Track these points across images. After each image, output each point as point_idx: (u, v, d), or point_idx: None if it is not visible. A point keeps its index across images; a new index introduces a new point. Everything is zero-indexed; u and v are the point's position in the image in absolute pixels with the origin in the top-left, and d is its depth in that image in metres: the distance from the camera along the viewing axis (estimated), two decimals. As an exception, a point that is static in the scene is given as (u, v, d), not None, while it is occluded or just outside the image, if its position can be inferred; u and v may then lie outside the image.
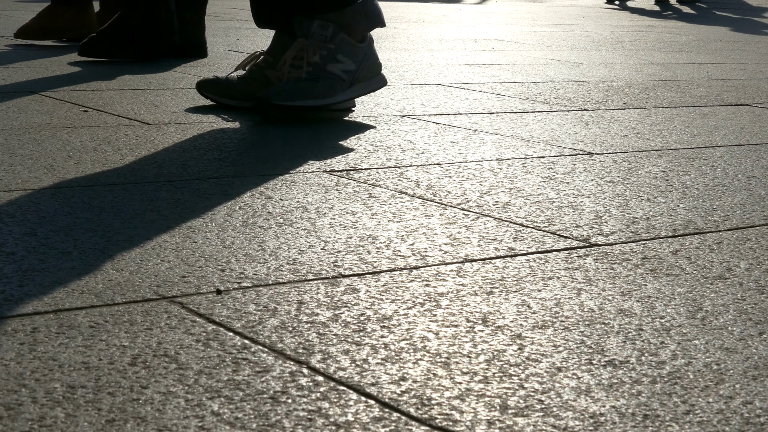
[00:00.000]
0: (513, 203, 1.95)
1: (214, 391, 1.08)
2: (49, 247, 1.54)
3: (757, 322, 1.36)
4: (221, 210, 1.81)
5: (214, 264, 1.51)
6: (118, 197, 1.87)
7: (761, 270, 1.60)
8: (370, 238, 1.68)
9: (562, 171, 2.26)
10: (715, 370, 1.20)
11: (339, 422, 1.02)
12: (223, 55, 4.26)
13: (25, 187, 1.91)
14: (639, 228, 1.82)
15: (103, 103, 2.89)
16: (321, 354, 1.19)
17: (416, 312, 1.35)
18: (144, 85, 3.27)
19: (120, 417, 1.01)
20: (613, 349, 1.25)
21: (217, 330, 1.25)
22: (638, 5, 10.22)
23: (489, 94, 3.44)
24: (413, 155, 2.36)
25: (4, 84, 3.16)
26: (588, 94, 3.57)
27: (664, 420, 1.06)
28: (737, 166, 2.41)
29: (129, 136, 2.45)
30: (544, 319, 1.34)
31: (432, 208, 1.89)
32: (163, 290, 1.38)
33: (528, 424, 1.04)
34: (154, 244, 1.59)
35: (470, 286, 1.46)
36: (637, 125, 2.94)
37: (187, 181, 2.02)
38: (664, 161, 2.43)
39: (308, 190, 1.99)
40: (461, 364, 1.19)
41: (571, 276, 1.53)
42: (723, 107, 3.39)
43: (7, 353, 1.15)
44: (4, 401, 1.03)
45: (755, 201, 2.06)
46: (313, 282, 1.45)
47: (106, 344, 1.19)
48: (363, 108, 3.01)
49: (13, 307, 1.29)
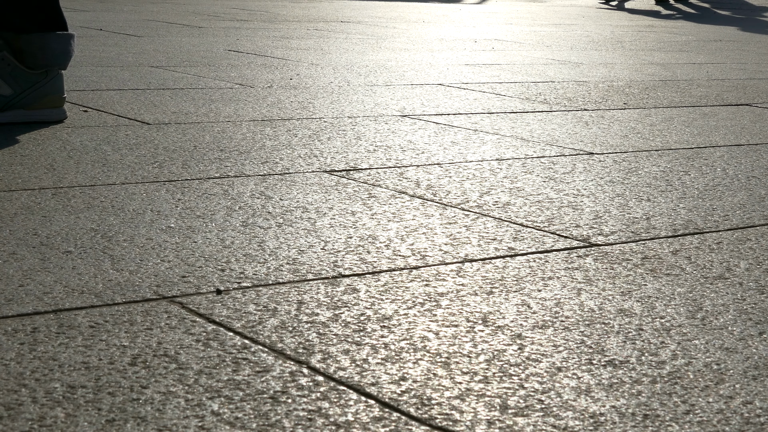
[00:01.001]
0: (513, 203, 1.95)
1: (214, 391, 1.08)
2: (50, 247, 1.54)
3: (757, 322, 1.36)
4: (221, 210, 1.81)
5: (214, 264, 1.51)
6: (118, 197, 1.87)
7: (761, 270, 1.60)
8: (370, 238, 1.68)
9: (562, 171, 2.26)
10: (715, 370, 1.20)
11: (339, 422, 1.02)
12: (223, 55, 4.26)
13: (25, 187, 1.91)
14: (639, 228, 1.82)
15: (103, 103, 2.89)
16: (321, 354, 1.19)
17: (416, 312, 1.35)
18: (144, 85, 3.27)
19: (120, 417, 1.01)
20: (613, 349, 1.25)
21: (217, 330, 1.25)
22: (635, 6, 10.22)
23: (489, 94, 3.44)
24: (413, 155, 2.36)
25: (4, 84, 3.16)
26: (588, 94, 3.57)
27: (664, 420, 1.06)
28: (737, 166, 2.41)
29: (129, 136, 2.45)
30: (544, 319, 1.34)
31: (432, 208, 1.89)
32: (163, 290, 1.38)
33: (528, 424, 1.04)
34: (154, 244, 1.59)
35: (470, 286, 1.46)
36: (637, 125, 2.94)
37: (187, 181, 2.02)
38: (664, 161, 2.43)
39: (308, 190, 1.99)
40: (461, 364, 1.19)
41: (571, 276, 1.53)
42: (723, 107, 3.39)
43: (7, 353, 1.15)
44: (4, 401, 1.03)
45: (755, 201, 2.06)
46: (313, 282, 1.45)
47: (106, 344, 1.19)
48: (363, 108, 3.01)
49: (13, 307, 1.29)
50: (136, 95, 3.07)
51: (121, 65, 3.75)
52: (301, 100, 3.11)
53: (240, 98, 3.10)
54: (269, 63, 4.03)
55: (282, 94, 3.23)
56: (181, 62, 3.94)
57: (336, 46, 4.78)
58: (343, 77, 3.69)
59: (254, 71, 3.75)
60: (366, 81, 3.61)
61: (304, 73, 3.74)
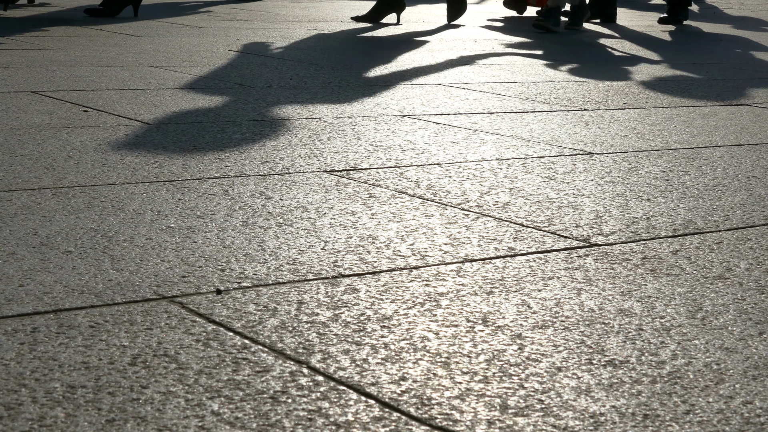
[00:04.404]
0: (513, 203, 1.95)
1: (214, 391, 1.08)
2: (50, 247, 1.54)
3: (757, 322, 1.36)
4: (221, 210, 1.81)
5: (214, 264, 1.51)
6: (118, 197, 1.87)
7: (761, 270, 1.60)
8: (370, 238, 1.68)
9: (562, 171, 2.26)
10: (715, 370, 1.20)
11: (339, 422, 1.02)
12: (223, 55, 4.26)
13: (25, 187, 1.91)
14: (639, 228, 1.82)
15: (103, 103, 2.89)
16: (321, 354, 1.19)
17: (416, 312, 1.35)
18: (144, 85, 3.27)
19: (120, 417, 1.01)
20: (613, 349, 1.25)
21: (217, 330, 1.25)
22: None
23: (489, 94, 3.44)
24: (413, 155, 2.36)
25: (4, 84, 3.16)
26: (588, 93, 3.57)
27: (664, 420, 1.06)
28: (737, 166, 2.41)
29: (129, 136, 2.45)
30: (544, 319, 1.34)
31: (432, 208, 1.89)
32: (163, 290, 1.38)
33: (528, 423, 1.04)
34: (154, 244, 1.59)
35: (470, 286, 1.46)
36: (637, 125, 2.94)
37: (187, 181, 2.02)
38: (664, 161, 2.43)
39: (308, 190, 1.99)
40: (461, 364, 1.19)
41: (571, 276, 1.53)
42: (723, 107, 3.39)
43: (7, 353, 1.15)
44: (4, 401, 1.03)
45: (755, 201, 2.06)
46: (313, 282, 1.45)
47: (106, 344, 1.19)
48: (363, 108, 3.01)
49: (13, 307, 1.29)
50: (136, 95, 3.07)
51: (121, 65, 3.75)
52: (301, 100, 3.11)
53: (240, 98, 3.10)
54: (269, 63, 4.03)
55: (282, 94, 3.23)
56: (181, 62, 3.94)
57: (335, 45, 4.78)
58: (343, 77, 3.69)
59: (254, 71, 3.75)
60: (366, 81, 3.61)
61: (304, 73, 3.74)
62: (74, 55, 3.99)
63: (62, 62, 3.76)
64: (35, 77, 3.34)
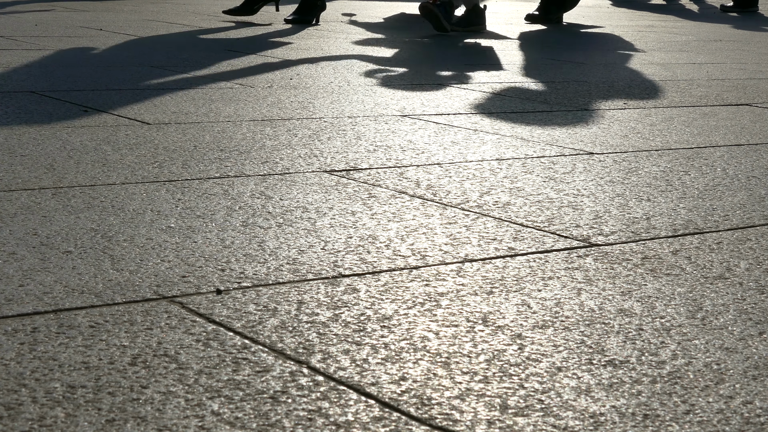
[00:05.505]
0: (513, 203, 1.95)
1: (214, 391, 1.08)
2: (50, 247, 1.54)
3: (757, 322, 1.36)
4: (221, 210, 1.81)
5: (214, 264, 1.51)
6: (118, 197, 1.87)
7: (761, 270, 1.60)
8: (370, 238, 1.68)
9: (562, 171, 2.26)
10: (715, 370, 1.20)
11: (339, 422, 1.02)
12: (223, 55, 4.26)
13: (25, 187, 1.91)
14: (639, 228, 1.82)
15: (103, 103, 2.89)
16: (321, 354, 1.19)
17: (416, 312, 1.35)
18: (144, 85, 3.27)
19: (120, 417, 1.01)
20: (613, 349, 1.25)
21: (217, 330, 1.25)
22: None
23: (489, 94, 3.44)
24: (413, 155, 2.36)
25: (4, 84, 3.16)
26: (588, 93, 3.57)
27: (664, 420, 1.06)
28: (737, 166, 2.41)
29: (129, 136, 2.45)
30: (544, 319, 1.34)
31: (432, 208, 1.89)
32: (163, 290, 1.38)
33: (528, 423, 1.04)
34: (154, 244, 1.59)
35: (470, 286, 1.46)
36: (637, 125, 2.94)
37: (187, 181, 2.02)
38: (664, 161, 2.43)
39: (308, 190, 1.99)
40: (461, 364, 1.19)
41: (571, 276, 1.53)
42: (723, 107, 3.39)
43: (7, 353, 1.15)
44: (4, 401, 1.03)
45: (755, 201, 2.06)
46: (313, 282, 1.45)
47: (106, 344, 1.19)
48: (363, 108, 3.01)
49: (13, 307, 1.29)
50: (136, 95, 3.07)
51: (121, 65, 3.75)
52: (301, 100, 3.11)
53: (240, 98, 3.10)
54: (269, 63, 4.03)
55: (282, 94, 3.23)
56: (181, 62, 3.94)
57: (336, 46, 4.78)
58: (343, 77, 3.69)
59: (254, 71, 3.75)
60: (366, 81, 3.61)
61: (304, 73, 3.74)
62: (74, 55, 3.99)
63: (62, 62, 3.76)
64: (35, 77, 3.34)
